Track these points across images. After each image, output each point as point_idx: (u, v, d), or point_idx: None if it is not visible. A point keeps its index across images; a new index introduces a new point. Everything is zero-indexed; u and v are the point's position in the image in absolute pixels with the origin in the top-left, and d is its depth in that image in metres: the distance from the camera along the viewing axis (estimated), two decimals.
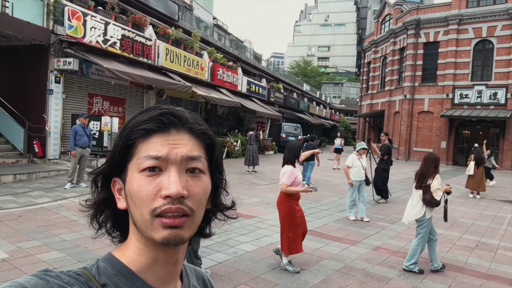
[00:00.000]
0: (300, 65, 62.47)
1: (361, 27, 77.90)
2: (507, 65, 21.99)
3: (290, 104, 30.96)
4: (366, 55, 34.69)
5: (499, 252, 6.21)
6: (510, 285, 4.83)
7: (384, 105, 29.35)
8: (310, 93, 43.56)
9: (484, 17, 22.72)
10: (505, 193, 13.27)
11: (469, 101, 23.11)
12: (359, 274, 4.87)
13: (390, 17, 29.74)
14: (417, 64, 25.61)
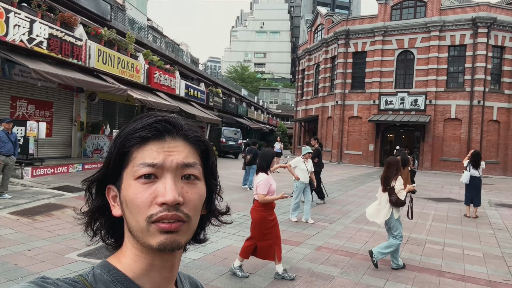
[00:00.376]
0: (237, 70, 63.07)
1: (294, 35, 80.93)
2: (425, 74, 24.24)
3: (229, 108, 31.04)
4: (300, 62, 36.03)
5: (427, 246, 6.77)
6: (439, 275, 5.28)
7: (318, 110, 30.69)
8: (248, 98, 44.14)
9: (406, 29, 24.84)
10: (427, 191, 14.55)
11: (393, 107, 25.05)
12: (305, 274, 4.99)
13: (322, 27, 31.26)
14: (347, 72, 27.19)
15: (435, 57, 23.81)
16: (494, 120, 23.23)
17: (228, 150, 25.31)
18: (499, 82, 23.50)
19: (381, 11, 25.69)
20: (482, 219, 9.42)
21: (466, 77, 23.27)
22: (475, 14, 22.60)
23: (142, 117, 0.70)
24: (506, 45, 23.13)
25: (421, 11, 24.63)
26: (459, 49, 23.72)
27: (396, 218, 5.47)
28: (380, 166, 25.84)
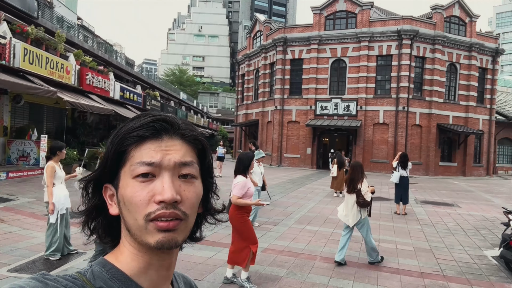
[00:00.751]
0: (175, 73, 61.82)
1: (233, 40, 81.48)
2: (356, 81, 25.79)
3: (167, 112, 30.25)
4: (240, 67, 36.36)
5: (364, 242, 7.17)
6: (376, 270, 5.63)
7: (258, 115, 31.17)
8: (187, 102, 43.48)
9: (338, 39, 26.24)
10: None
11: (328, 112, 26.29)
12: (253, 277, 5.03)
13: (261, 33, 31.88)
14: (285, 78, 28.00)
15: (365, 66, 25.45)
16: (417, 124, 25.38)
17: None
18: (421, 90, 25.76)
19: (316, 21, 26.87)
20: (411, 216, 10.23)
21: (392, 85, 25.17)
22: (400, 27, 24.58)
23: (139, 117, 0.71)
24: (427, 56, 25.46)
25: (352, 22, 26.20)
26: (386, 58, 25.61)
27: (364, 217, 5.86)
28: (317, 168, 26.92)
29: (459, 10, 26.46)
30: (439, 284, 5.11)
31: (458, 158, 26.84)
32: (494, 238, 7.93)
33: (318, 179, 19.68)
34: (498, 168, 30.74)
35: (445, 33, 25.70)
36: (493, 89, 28.35)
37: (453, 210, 11.46)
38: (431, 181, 21.63)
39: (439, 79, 25.69)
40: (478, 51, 26.85)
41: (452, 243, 7.46)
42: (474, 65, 26.79)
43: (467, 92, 26.84)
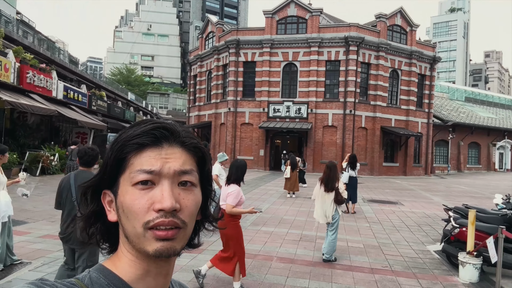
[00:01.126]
0: (123, 73, 59.51)
1: (184, 40, 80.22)
2: (307, 85, 26.53)
3: (115, 113, 29.10)
4: (192, 68, 35.89)
5: (318, 241, 7.41)
6: (330, 268, 5.83)
7: (211, 116, 30.95)
8: (136, 102, 42.08)
9: (290, 43, 26.84)
10: (312, 191, 15.86)
11: (280, 115, 26.78)
12: (211, 281, 5.00)
13: (213, 34, 31.73)
14: (238, 80, 28.09)
15: (315, 70, 26.26)
16: (363, 127, 26.65)
17: None
18: (366, 94, 27.09)
19: (268, 24, 27.28)
20: (359, 214, 10.71)
21: (340, 89, 26.21)
22: (347, 34, 25.68)
23: (139, 124, 0.71)
24: (371, 62, 26.83)
25: (303, 27, 26.94)
26: (334, 64, 26.62)
27: (340, 214, 6.23)
28: (270, 170, 27.29)
29: (401, 20, 28.22)
30: (388, 278, 5.41)
31: (400, 159, 28.57)
32: (435, 233, 8.54)
33: (271, 181, 19.95)
34: (435, 168, 33.12)
35: (388, 41, 27.27)
36: (430, 94, 30.56)
37: (397, 208, 12.17)
38: (376, 181, 22.80)
39: (383, 84, 27.19)
40: (417, 58, 28.80)
41: (398, 239, 7.92)
42: (414, 72, 28.71)
43: (408, 97, 28.67)
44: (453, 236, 5.99)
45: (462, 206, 6.77)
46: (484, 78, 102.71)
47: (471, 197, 15.64)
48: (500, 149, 41.24)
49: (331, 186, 6.13)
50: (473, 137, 37.60)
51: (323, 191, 6.22)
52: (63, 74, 22.89)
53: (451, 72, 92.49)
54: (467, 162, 38.10)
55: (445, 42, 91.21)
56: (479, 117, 41.11)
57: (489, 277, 5.50)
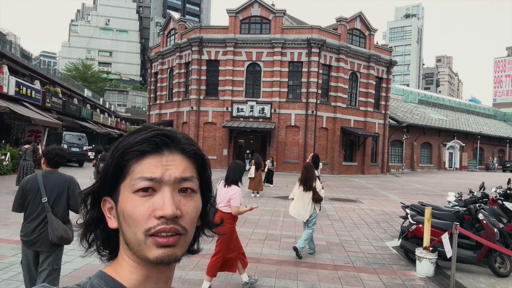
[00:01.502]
0: (79, 69, 56.94)
1: (144, 36, 78.16)
2: (270, 85, 26.77)
3: (70, 111, 27.86)
4: (153, 65, 35.04)
5: (283, 240, 7.52)
6: (295, 266, 5.94)
7: (172, 115, 30.40)
8: (93, 99, 40.47)
9: (253, 43, 26.95)
10: (276, 190, 16.07)
11: (244, 114, 26.82)
12: (176, 283, 4.94)
13: (175, 31, 31.17)
14: (201, 79, 27.81)
15: (278, 71, 26.57)
16: (324, 127, 27.32)
17: (71, 158, 22.68)
18: (327, 96, 27.79)
19: (231, 23, 27.22)
20: (321, 212, 10.92)
21: (303, 90, 26.71)
22: (310, 36, 26.20)
23: (139, 131, 0.71)
24: (332, 64, 27.56)
25: (266, 28, 27.15)
26: (297, 65, 27.06)
27: (317, 212, 6.49)
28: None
29: (360, 24, 29.20)
30: (351, 275, 5.60)
31: (358, 158, 29.60)
32: (393, 230, 8.94)
33: None
34: (390, 167, 34.61)
35: (348, 44, 28.12)
36: (387, 96, 31.89)
37: (356, 206, 12.60)
38: (336, 179, 23.46)
39: (343, 86, 28.02)
40: (375, 62, 29.95)
41: (359, 236, 8.21)
42: (372, 75, 29.83)
43: (366, 99, 29.75)
44: (410, 232, 6.30)
45: (418, 204, 7.14)
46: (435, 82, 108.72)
47: (425, 195, 16.51)
48: (450, 149, 43.85)
49: (309, 186, 6.39)
50: (425, 137, 39.70)
51: (302, 191, 6.47)
52: (14, 69, 21.60)
53: (406, 75, 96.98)
54: (420, 161, 40.15)
55: (400, 47, 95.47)
56: (431, 118, 43.47)
57: (444, 271, 5.86)
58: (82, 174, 18.51)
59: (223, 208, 4.76)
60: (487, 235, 5.60)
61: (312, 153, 15.29)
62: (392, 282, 5.33)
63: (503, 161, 49.57)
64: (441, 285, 5.22)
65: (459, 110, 56.00)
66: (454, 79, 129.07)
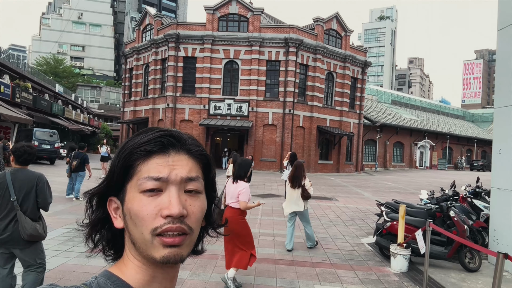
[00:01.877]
0: (50, 63, 55.03)
1: (119, 31, 76.40)
2: (248, 84, 26.78)
3: (41, 106, 26.93)
4: (128, 61, 34.33)
5: (261, 238, 7.57)
6: (274, 263, 5.99)
7: (148, 112, 29.90)
8: (65, 95, 39.25)
9: (231, 41, 26.85)
10: (253, 188, 16.11)
11: (221, 112, 26.72)
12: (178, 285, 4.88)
13: (151, 27, 30.65)
14: (178, 75, 27.46)
15: (256, 69, 26.60)
16: (301, 126, 27.60)
17: (42, 155, 21.94)
18: (304, 95, 28.08)
19: (209, 20, 27.01)
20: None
21: (280, 89, 26.86)
22: (287, 35, 26.37)
23: (145, 131, 0.73)
24: (309, 64, 27.85)
25: (244, 26, 27.11)
26: (275, 64, 27.18)
27: (306, 209, 6.76)
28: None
29: (337, 24, 29.64)
30: (328, 271, 5.71)
31: (334, 157, 30.09)
32: (368, 227, 9.16)
33: None
34: (364, 165, 35.38)
35: (325, 44, 28.49)
36: (362, 96, 32.55)
37: (332, 204, 12.83)
38: (312, 178, 23.67)
39: (319, 86, 28.39)
40: (351, 62, 30.49)
41: (335, 233, 8.37)
42: (348, 75, 30.36)
43: (342, 99, 30.26)
44: (385, 229, 6.48)
45: (392, 202, 7.35)
46: (407, 83, 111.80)
47: (397, 193, 16.99)
48: (421, 148, 45.26)
49: (298, 183, 6.65)
50: (398, 137, 40.81)
51: (290, 187, 6.76)
52: None
53: (379, 76, 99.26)
54: (392, 160, 41.25)
55: (374, 48, 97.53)
56: (403, 118, 44.73)
57: (417, 266, 6.06)
58: (54, 172, 17.97)
59: (232, 204, 4.84)
60: (458, 232, 5.84)
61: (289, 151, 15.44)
62: (368, 278, 5.48)
63: (470, 160, 51.63)
64: (414, 281, 5.40)
65: (430, 111, 57.87)
66: (425, 80, 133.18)
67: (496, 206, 6.35)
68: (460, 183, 10.91)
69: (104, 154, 17.95)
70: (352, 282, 5.30)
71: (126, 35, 70.35)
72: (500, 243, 6.05)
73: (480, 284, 5.34)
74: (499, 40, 6.56)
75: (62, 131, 30.47)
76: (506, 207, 6.05)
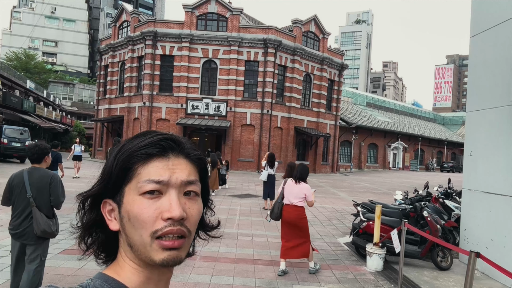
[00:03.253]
0: (20, 58, 53.03)
1: (93, 27, 74.53)
2: (227, 83, 26.69)
3: (11, 103, 25.95)
4: (103, 58, 33.54)
5: (240, 238, 7.56)
6: (253, 264, 6.00)
7: (123, 110, 29.30)
8: (36, 92, 37.91)
9: (210, 40, 26.70)
10: (231, 189, 16.07)
11: (199, 112, 26.53)
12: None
13: (128, 24, 30.07)
14: (155, 74, 27.06)
15: (235, 69, 26.56)
16: (278, 126, 27.76)
17: (12, 153, 21.11)
18: (282, 96, 28.26)
19: (187, 18, 26.76)
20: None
21: (259, 89, 26.92)
22: (266, 36, 26.47)
23: (144, 134, 0.73)
24: (288, 65, 28.06)
25: (223, 25, 27.01)
26: (253, 64, 27.22)
27: None
28: None
29: (315, 27, 29.99)
30: (306, 271, 5.76)
31: (310, 157, 30.43)
32: (344, 226, 9.31)
33: None
34: (340, 166, 35.96)
35: (303, 46, 28.78)
36: (338, 98, 33.08)
37: None
38: None
39: (297, 87, 28.64)
40: (328, 64, 30.92)
41: (312, 233, 8.43)
42: (325, 77, 30.78)
43: (319, 100, 30.65)
44: (361, 229, 6.61)
45: (368, 202, 7.50)
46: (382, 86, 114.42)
47: (372, 193, 17.36)
48: (394, 150, 46.44)
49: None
50: (372, 138, 41.72)
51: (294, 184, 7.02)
52: None
53: (355, 78, 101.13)
54: (367, 161, 42.12)
55: (350, 51, 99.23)
56: (378, 120, 45.76)
57: (392, 265, 6.21)
58: None
59: (298, 203, 5.59)
60: (431, 231, 6.02)
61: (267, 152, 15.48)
62: (344, 277, 5.57)
63: (441, 162, 53.40)
64: (389, 279, 5.53)
65: (403, 113, 59.45)
66: (399, 83, 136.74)
67: (467, 207, 6.60)
68: (432, 184, 11.26)
69: (77, 153, 17.43)
70: (329, 281, 5.37)
71: (101, 31, 68.72)
72: (471, 242, 6.29)
73: (452, 282, 5.53)
74: (472, 47, 6.82)
75: (33, 128, 29.42)
76: (477, 208, 6.29)
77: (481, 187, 6.23)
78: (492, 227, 5.91)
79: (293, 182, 5.67)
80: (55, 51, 69.53)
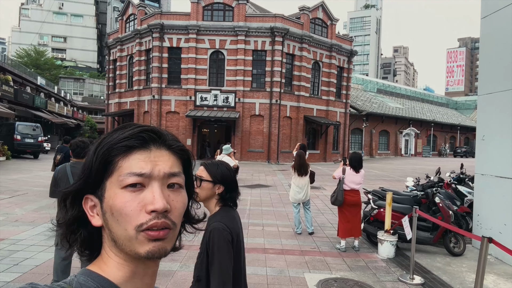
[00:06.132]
0: (30, 55, 53.57)
1: (101, 21, 74.79)
2: (235, 74, 26.58)
3: (23, 100, 26.31)
4: (111, 52, 33.67)
5: (250, 228, 7.60)
6: (264, 253, 6.03)
7: (133, 104, 29.49)
8: (47, 88, 38.36)
9: (217, 31, 26.54)
10: (242, 180, 16.12)
11: (208, 103, 26.53)
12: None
13: (135, 17, 30.06)
14: (163, 66, 27.08)
15: (242, 59, 26.40)
16: (288, 116, 27.63)
17: (25, 149, 21.49)
18: (291, 85, 28.06)
19: (193, 9, 26.60)
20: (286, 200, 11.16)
21: (267, 79, 26.77)
22: (273, 24, 26.20)
23: (124, 127, 0.71)
24: (296, 54, 27.78)
25: (230, 15, 26.80)
26: (261, 53, 27.02)
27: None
28: (198, 159, 27.00)
29: (323, 13, 29.57)
30: (317, 259, 5.78)
31: (321, 146, 30.29)
32: None
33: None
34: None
35: (311, 33, 28.43)
36: (348, 85, 32.71)
37: (320, 193, 12.94)
38: None
39: (306, 75, 28.39)
40: (337, 51, 30.52)
41: (323, 221, 8.46)
42: (334, 64, 30.42)
43: (328, 88, 30.35)
44: (372, 216, 6.58)
45: (379, 189, 7.44)
46: (392, 72, 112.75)
47: (384, 180, 17.23)
48: (406, 136, 45.91)
49: (304, 171, 7.19)
50: (383, 125, 41.27)
51: (297, 176, 7.21)
52: None
53: (365, 65, 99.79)
54: (378, 148, 41.75)
55: (360, 37, 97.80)
56: (389, 107, 45.21)
57: (404, 252, 6.18)
58: (38, 166, 17.67)
59: (356, 187, 6.38)
60: (443, 217, 5.96)
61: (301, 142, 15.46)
62: (356, 265, 5.56)
63: (454, 147, 52.64)
64: (401, 266, 5.51)
65: (415, 99, 58.60)
66: (410, 69, 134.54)
67: (480, 192, 6.50)
68: (445, 169, 11.11)
69: None
70: (340, 269, 5.38)
71: (108, 26, 68.90)
72: (484, 228, 6.21)
73: (465, 268, 5.48)
74: (483, 28, 6.64)
75: (45, 124, 29.86)
76: (490, 193, 6.19)
77: (494, 171, 6.12)
78: (505, 212, 5.82)
79: (352, 171, 6.42)
80: (64, 47, 70.07)
